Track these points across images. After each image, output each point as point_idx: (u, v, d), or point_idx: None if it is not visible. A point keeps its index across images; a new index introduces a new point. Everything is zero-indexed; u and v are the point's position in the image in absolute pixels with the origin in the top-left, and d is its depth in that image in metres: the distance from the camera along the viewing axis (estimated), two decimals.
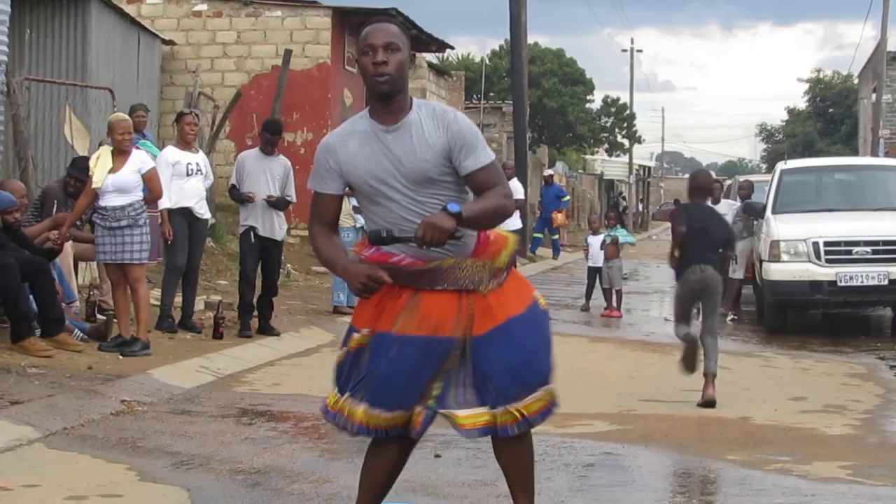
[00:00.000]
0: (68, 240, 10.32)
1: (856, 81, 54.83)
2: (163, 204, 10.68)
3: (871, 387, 9.88)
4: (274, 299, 11.71)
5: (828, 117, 71.46)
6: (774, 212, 14.35)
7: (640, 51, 73.35)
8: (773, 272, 13.50)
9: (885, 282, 13.03)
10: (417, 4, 29.75)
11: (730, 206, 16.58)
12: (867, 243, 13.22)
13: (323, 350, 11.19)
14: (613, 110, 59.83)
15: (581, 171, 57.48)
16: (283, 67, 19.05)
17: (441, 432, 4.65)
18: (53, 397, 7.66)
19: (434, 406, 4.33)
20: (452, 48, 26.98)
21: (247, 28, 20.11)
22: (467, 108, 32.48)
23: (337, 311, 13.55)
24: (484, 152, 4.29)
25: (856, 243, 13.24)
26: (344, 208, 5.79)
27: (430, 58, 27.93)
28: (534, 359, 4.35)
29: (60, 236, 10.01)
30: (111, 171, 9.65)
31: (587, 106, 55.51)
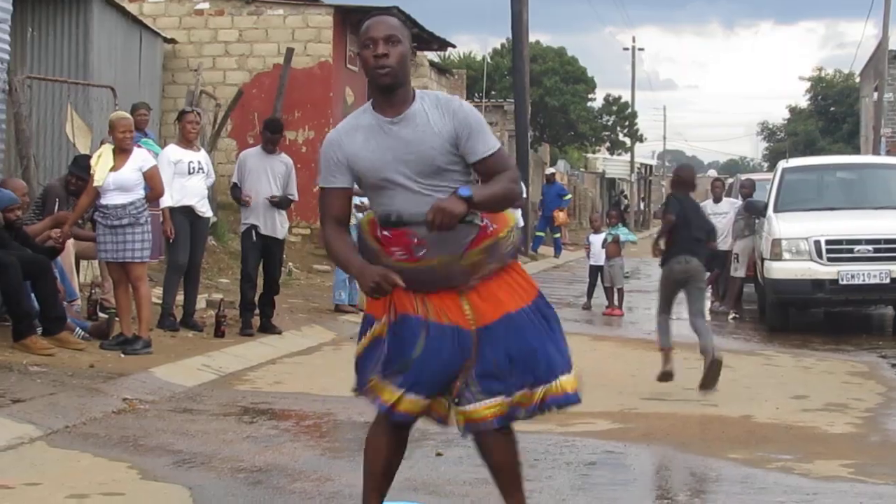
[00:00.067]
0: (69, 238, 10.32)
1: (857, 80, 54.81)
2: (164, 202, 10.68)
3: (872, 385, 9.88)
4: (275, 298, 11.70)
5: (829, 116, 71.41)
6: (776, 210, 14.34)
7: (641, 49, 73.17)
8: (775, 271, 13.50)
9: (887, 280, 13.03)
10: (419, 3, 29.77)
11: (731, 204, 16.60)
12: (869, 242, 13.22)
13: (324, 348, 11.19)
14: (615, 109, 59.80)
15: (583, 170, 57.48)
16: (285, 66, 19.06)
17: (442, 431, 4.63)
18: (55, 396, 7.66)
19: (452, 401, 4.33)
20: (454, 46, 27.00)
21: (248, 26, 20.11)
22: None
23: (339, 309, 13.54)
24: (491, 138, 4.31)
25: (857, 242, 13.24)
26: None
27: (432, 56, 27.90)
28: (532, 357, 4.32)
29: (62, 235, 10.01)
30: (112, 169, 9.65)
31: (589, 104, 55.47)
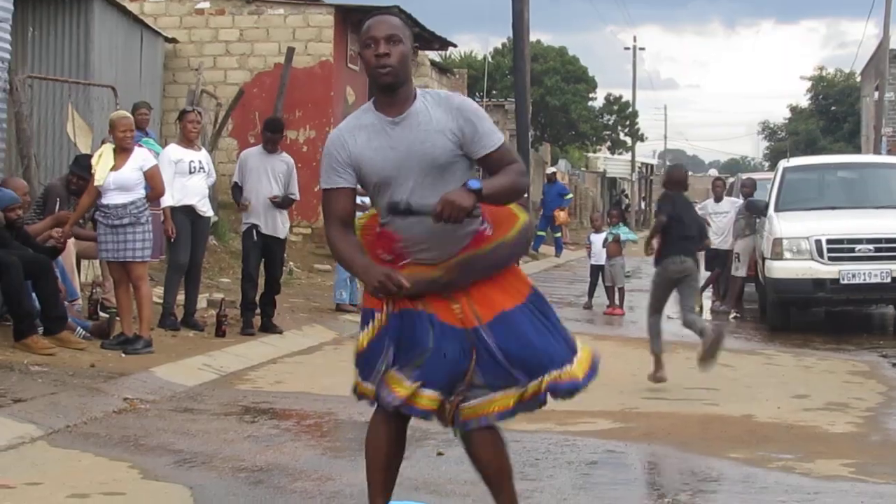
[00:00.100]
0: (70, 237, 10.32)
1: (858, 79, 54.81)
2: (165, 202, 10.68)
3: (873, 384, 9.88)
4: (276, 297, 11.71)
5: (830, 115, 71.39)
6: (777, 209, 14.34)
7: (642, 48, 73.20)
8: (776, 270, 13.50)
9: (888, 279, 13.03)
10: (420, 2, 29.75)
11: (732, 203, 16.59)
12: (870, 241, 13.22)
13: (325, 348, 11.19)
14: (616, 108, 59.76)
15: (583, 169, 57.48)
16: (286, 65, 19.06)
17: (443, 430, 4.63)
18: (56, 395, 7.66)
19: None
20: (455, 46, 26.99)
21: (249, 26, 20.11)
22: None
23: (340, 308, 13.55)
24: (496, 133, 4.32)
25: (858, 241, 13.24)
26: None
27: (433, 56, 27.88)
28: (532, 351, 4.31)
29: (63, 234, 10.01)
30: (113, 168, 9.65)
31: (590, 104, 55.43)
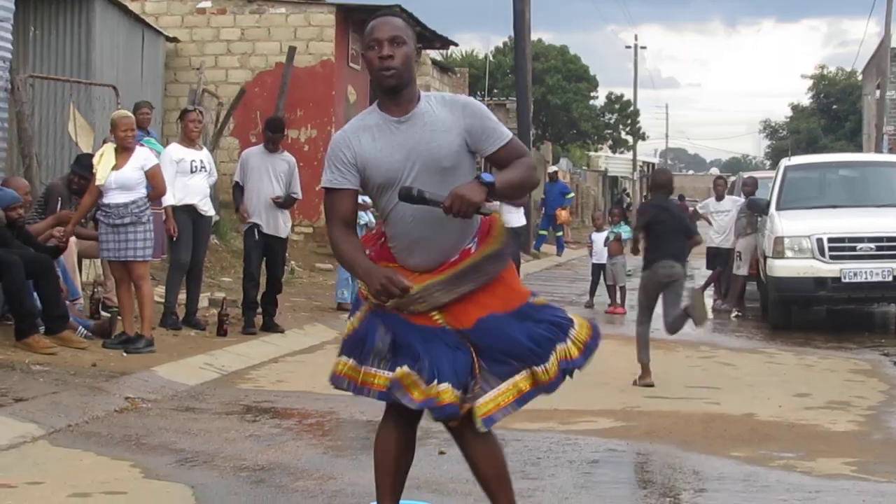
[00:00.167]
0: (71, 236, 10.32)
1: (860, 78, 54.81)
2: (167, 201, 10.69)
3: (875, 383, 9.87)
4: (278, 296, 11.71)
5: (832, 114, 71.38)
6: (778, 208, 14.33)
7: (643, 47, 73.28)
8: (778, 269, 13.50)
9: (889, 278, 13.02)
10: (421, 1, 29.77)
11: (734, 202, 16.58)
12: (871, 240, 13.21)
13: (327, 347, 11.18)
14: (617, 107, 59.79)
15: (585, 168, 57.49)
16: (287, 64, 19.06)
17: (444, 429, 4.63)
18: (57, 394, 7.67)
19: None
20: (456, 45, 26.99)
21: (251, 25, 20.11)
22: None
23: (341, 308, 13.54)
24: (502, 129, 4.32)
25: (860, 240, 13.23)
26: None
27: (434, 55, 27.89)
28: (518, 344, 4.26)
29: (65, 234, 10.01)
30: (114, 168, 9.66)
31: (591, 102, 55.45)
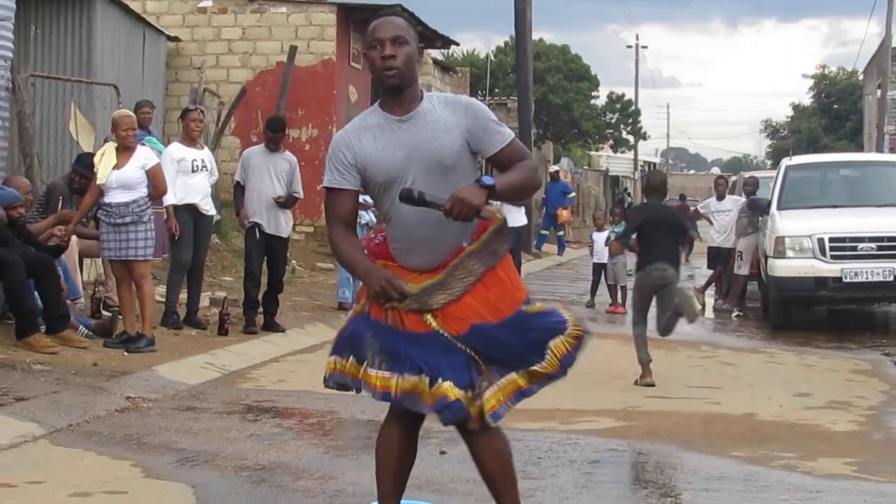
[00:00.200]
0: (73, 234, 10.32)
1: (861, 77, 54.81)
2: (168, 200, 10.69)
3: (875, 383, 9.87)
4: (279, 296, 11.72)
5: (833, 113, 71.38)
6: (779, 208, 14.33)
7: (645, 47, 73.29)
8: (778, 268, 13.50)
9: (891, 278, 13.01)
10: (423, 1, 29.72)
11: (735, 202, 16.59)
12: (872, 239, 13.21)
13: (328, 347, 11.11)
14: (618, 106, 59.84)
15: (586, 168, 57.51)
16: (288, 64, 19.06)
17: (446, 429, 4.63)
18: (58, 394, 7.67)
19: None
20: (457, 44, 27.00)
21: (252, 24, 20.12)
22: None
23: (342, 307, 13.54)
24: (504, 131, 4.32)
25: (861, 239, 13.23)
26: None
27: (435, 54, 27.91)
28: (508, 354, 4.25)
29: (67, 232, 10.02)
30: (115, 167, 9.66)
31: (592, 102, 55.53)
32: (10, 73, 12.75)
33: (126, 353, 9.45)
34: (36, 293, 9.37)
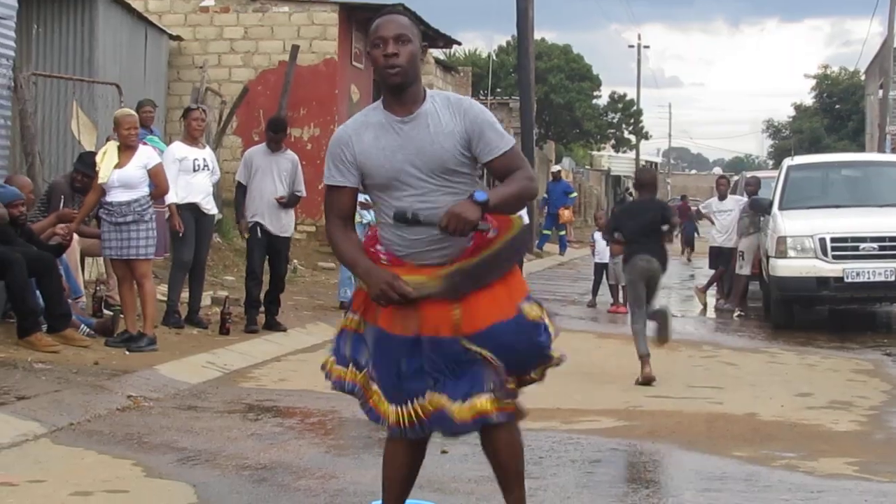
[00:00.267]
0: (75, 233, 10.32)
1: (863, 78, 54.85)
2: (170, 199, 10.68)
3: (877, 383, 9.87)
4: (280, 295, 11.71)
5: (835, 113, 71.37)
6: (781, 208, 14.33)
7: (647, 47, 73.11)
8: (780, 268, 13.49)
9: (892, 278, 13.00)
10: (424, 0, 29.69)
11: (736, 201, 16.59)
12: (874, 239, 13.20)
13: (329, 346, 11.17)
14: (620, 106, 59.82)
15: (588, 167, 57.53)
16: (290, 63, 19.06)
17: None
18: (60, 393, 7.67)
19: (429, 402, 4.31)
20: (459, 44, 26.99)
21: (254, 24, 20.13)
22: None
23: (343, 307, 13.54)
24: (503, 138, 4.28)
25: (862, 239, 13.23)
26: None
27: (437, 53, 27.91)
28: (521, 353, 4.29)
29: (68, 230, 10.01)
30: (117, 166, 9.66)
31: (594, 102, 55.52)
32: (13, 71, 12.76)
33: (127, 352, 9.45)
34: (38, 292, 9.37)
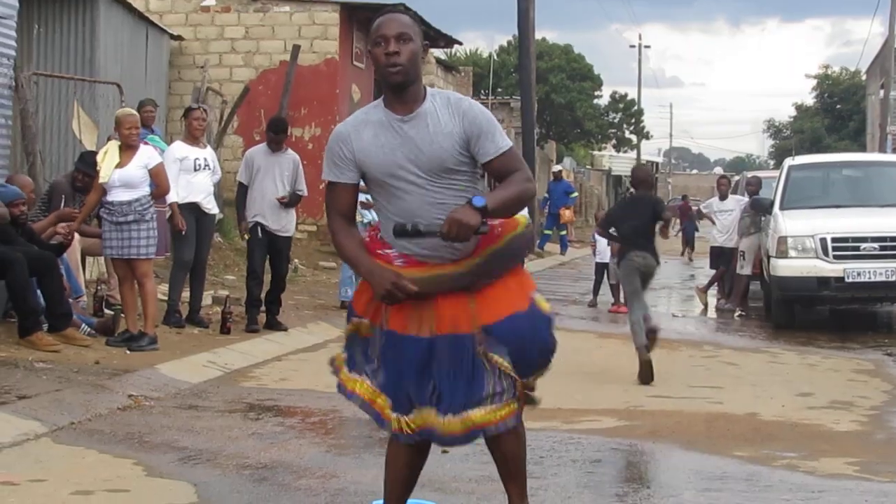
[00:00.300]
0: (76, 232, 10.32)
1: (864, 77, 54.84)
2: (171, 199, 10.68)
3: (878, 383, 9.87)
4: (282, 294, 11.72)
5: (836, 113, 71.36)
6: (782, 208, 14.33)
7: (647, 47, 73.25)
8: (781, 268, 13.49)
9: (893, 278, 13.01)
10: (426, 0, 29.69)
11: (737, 201, 16.60)
12: (875, 239, 13.20)
13: (330, 345, 11.18)
14: (621, 106, 59.80)
15: (589, 167, 57.51)
16: (291, 63, 19.07)
17: None
18: (60, 392, 7.67)
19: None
20: (460, 44, 26.99)
21: (255, 23, 20.13)
22: None
23: (344, 306, 13.54)
24: (502, 139, 4.28)
25: (863, 239, 13.23)
26: None
27: (439, 53, 27.91)
28: (532, 347, 4.32)
29: (69, 230, 10.02)
30: (118, 165, 9.66)
31: (595, 102, 55.49)
32: (14, 71, 12.75)
33: (128, 352, 9.45)
34: (38, 291, 9.37)
